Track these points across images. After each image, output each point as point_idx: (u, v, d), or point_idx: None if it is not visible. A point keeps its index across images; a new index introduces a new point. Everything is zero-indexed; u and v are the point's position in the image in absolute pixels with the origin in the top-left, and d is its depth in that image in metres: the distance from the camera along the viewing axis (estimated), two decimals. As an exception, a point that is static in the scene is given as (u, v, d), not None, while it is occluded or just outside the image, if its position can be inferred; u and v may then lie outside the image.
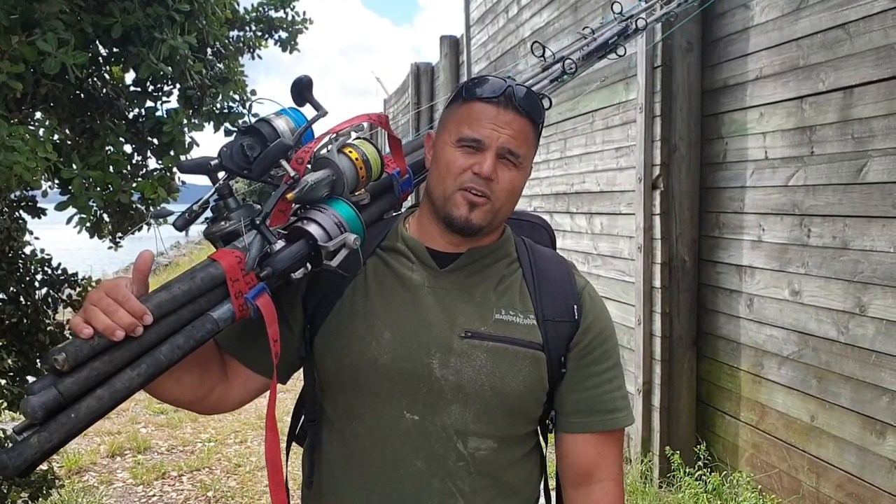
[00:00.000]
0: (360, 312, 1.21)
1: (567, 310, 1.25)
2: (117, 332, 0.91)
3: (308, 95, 1.18)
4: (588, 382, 1.25)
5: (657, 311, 4.16)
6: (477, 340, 1.18)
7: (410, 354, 1.17)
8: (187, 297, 1.00)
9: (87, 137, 2.13)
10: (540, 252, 1.33)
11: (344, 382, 1.20)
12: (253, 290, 1.05)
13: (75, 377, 0.90)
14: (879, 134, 2.84)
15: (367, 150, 1.21)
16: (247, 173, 1.10)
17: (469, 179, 1.17)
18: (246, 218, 1.09)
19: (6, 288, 2.51)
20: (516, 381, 1.18)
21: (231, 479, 4.38)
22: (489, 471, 1.19)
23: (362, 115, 1.24)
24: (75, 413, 0.90)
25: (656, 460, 4.13)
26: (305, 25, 2.66)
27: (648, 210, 4.18)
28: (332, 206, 1.14)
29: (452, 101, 1.24)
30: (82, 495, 4.01)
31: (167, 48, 1.92)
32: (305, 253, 1.08)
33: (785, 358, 3.40)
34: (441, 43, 9.71)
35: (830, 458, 3.13)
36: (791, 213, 3.34)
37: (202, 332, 1.00)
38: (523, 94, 1.19)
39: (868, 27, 2.89)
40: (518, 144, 1.18)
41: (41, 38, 1.65)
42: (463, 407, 1.17)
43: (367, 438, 1.19)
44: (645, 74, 4.16)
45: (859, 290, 2.95)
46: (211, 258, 1.05)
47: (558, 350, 1.22)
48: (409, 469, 1.17)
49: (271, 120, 1.14)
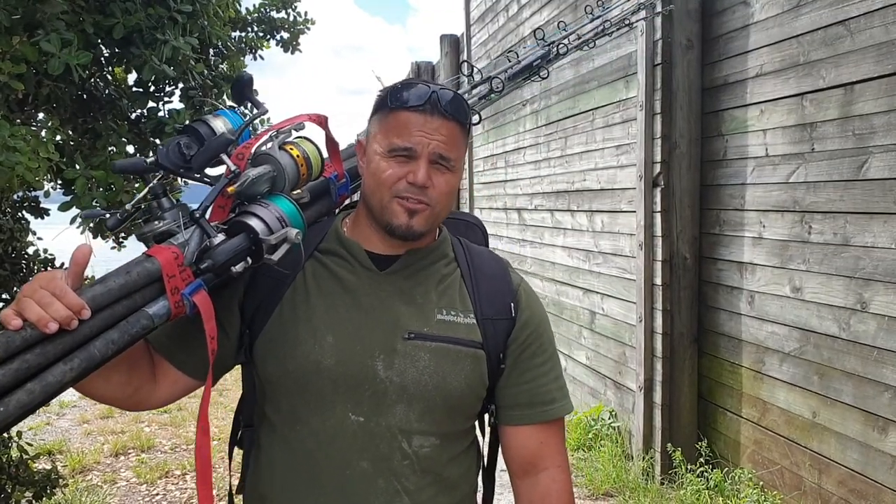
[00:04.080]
0: (302, 316, 1.21)
1: (504, 307, 1.27)
2: (50, 325, 0.88)
3: (248, 94, 1.19)
4: (526, 376, 1.28)
5: (658, 308, 4.17)
6: (420, 341, 1.20)
7: (354, 357, 1.18)
8: (123, 291, 0.97)
9: (89, 138, 2.14)
10: (476, 251, 1.34)
11: (287, 387, 1.20)
12: (189, 286, 1.03)
13: (5, 369, 0.86)
14: (880, 130, 2.84)
15: (307, 149, 1.21)
16: (183, 171, 1.10)
17: (404, 189, 1.17)
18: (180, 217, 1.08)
19: (9, 288, 2.52)
20: (458, 380, 1.21)
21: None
22: (432, 467, 1.22)
23: (302, 114, 1.24)
24: (4, 407, 0.85)
25: (658, 457, 4.14)
26: (307, 26, 2.67)
27: (649, 207, 4.18)
28: (273, 201, 1.13)
29: (378, 110, 1.23)
30: (86, 494, 4.02)
31: (170, 49, 1.92)
32: (246, 247, 1.07)
33: (786, 354, 3.41)
34: (441, 42, 9.71)
35: (832, 454, 3.14)
36: (792, 209, 3.35)
37: (136, 328, 0.98)
38: (449, 98, 1.19)
39: (869, 23, 2.89)
40: (448, 149, 1.18)
41: (45, 38, 1.66)
42: (407, 407, 1.19)
43: (312, 441, 1.19)
44: (645, 72, 4.16)
45: (860, 287, 2.95)
46: (146, 254, 1.03)
47: (497, 347, 1.25)
48: (355, 470, 1.18)
49: (208, 120, 1.14)
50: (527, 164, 6.46)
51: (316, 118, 1.25)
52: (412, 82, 1.22)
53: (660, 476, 4.09)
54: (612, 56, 4.81)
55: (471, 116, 1.26)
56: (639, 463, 4.21)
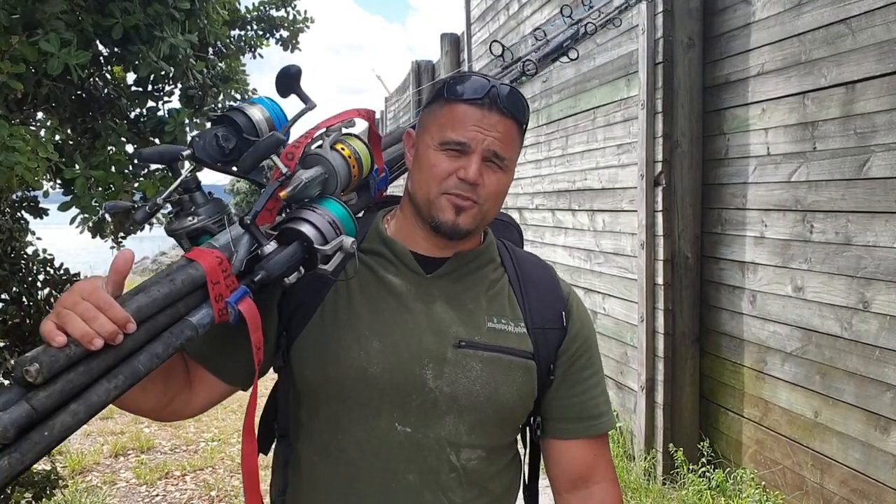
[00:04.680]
0: (345, 320, 1.15)
1: (555, 316, 1.23)
2: (96, 341, 0.81)
3: (296, 87, 1.12)
4: (577, 389, 1.24)
5: (660, 307, 4.16)
6: (471, 350, 1.15)
7: (402, 365, 1.13)
8: (166, 301, 0.91)
9: (88, 137, 2.13)
10: (522, 256, 1.30)
11: (328, 394, 1.15)
12: (234, 293, 0.96)
13: (49, 391, 0.79)
14: (882, 129, 2.83)
15: (358, 148, 1.14)
16: (220, 166, 1.03)
17: (454, 185, 1.13)
18: (216, 214, 1.01)
19: (8, 288, 2.51)
20: (510, 392, 1.16)
21: (234, 479, 4.38)
22: (479, 481, 1.18)
23: (351, 110, 1.17)
24: (49, 431, 0.80)
25: (659, 457, 4.13)
26: (307, 24, 2.66)
27: (650, 207, 4.17)
28: (323, 205, 1.06)
29: (433, 101, 1.19)
30: (86, 495, 4.01)
31: (167, 46, 1.91)
32: (300, 256, 1.01)
33: (788, 354, 3.40)
34: (442, 41, 9.71)
35: (834, 454, 3.13)
36: (794, 209, 3.34)
37: (181, 339, 0.92)
38: (507, 93, 1.14)
39: (870, 22, 2.88)
40: (504, 147, 1.14)
41: (44, 38, 1.65)
42: (457, 418, 1.14)
43: (354, 452, 1.14)
44: (646, 71, 4.16)
45: (862, 286, 2.94)
46: (188, 258, 0.95)
47: (547, 357, 1.21)
48: (401, 483, 1.13)
49: (245, 109, 1.06)
50: (527, 163, 6.45)
51: (365, 113, 1.19)
52: (470, 74, 1.17)
53: (661, 476, 4.08)
54: (613, 55, 4.81)
55: (528, 115, 1.20)
56: (640, 463, 4.20)
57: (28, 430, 0.79)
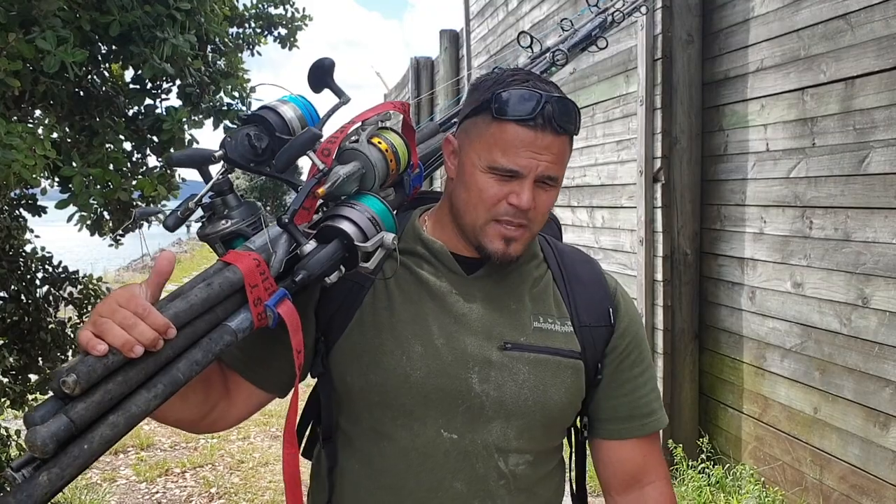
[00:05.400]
0: (386, 323, 1.11)
1: (603, 314, 1.19)
2: (136, 349, 0.78)
3: (330, 81, 1.07)
4: (626, 387, 1.20)
5: (659, 304, 4.16)
6: (517, 352, 1.11)
7: (446, 369, 1.08)
8: (205, 306, 0.88)
9: (86, 135, 2.13)
10: (565, 251, 1.25)
11: (370, 400, 1.10)
12: (273, 296, 0.93)
13: (87, 402, 0.76)
14: (881, 125, 2.83)
15: (395, 142, 1.09)
16: (253, 166, 1.00)
17: (504, 212, 1.07)
18: (250, 217, 0.98)
19: (7, 286, 2.51)
20: (559, 394, 1.12)
21: (234, 476, 4.39)
22: (527, 486, 1.14)
23: (387, 103, 1.12)
24: (88, 444, 0.76)
25: (659, 453, 4.13)
26: (305, 22, 2.66)
27: (650, 203, 4.17)
28: (362, 201, 1.02)
29: (479, 112, 1.09)
30: (85, 493, 4.01)
31: (169, 48, 1.91)
32: (341, 255, 0.98)
33: (787, 350, 3.40)
34: (441, 37, 9.69)
35: (834, 450, 3.13)
36: (793, 204, 3.34)
37: (220, 345, 0.89)
38: (560, 108, 1.06)
39: (869, 17, 2.87)
40: (557, 168, 1.08)
41: (41, 36, 1.64)
42: (505, 423, 1.10)
43: (399, 460, 1.09)
44: (645, 67, 4.15)
45: (862, 282, 2.94)
46: (224, 261, 0.92)
47: (595, 357, 1.17)
48: (448, 492, 1.09)
49: (276, 107, 1.02)
50: (526, 159, 6.44)
51: (400, 106, 1.15)
52: (516, 80, 1.09)
53: (661, 472, 4.08)
54: (612, 51, 4.80)
55: (580, 121, 1.13)
56: (639, 459, 4.20)
57: (67, 444, 0.75)
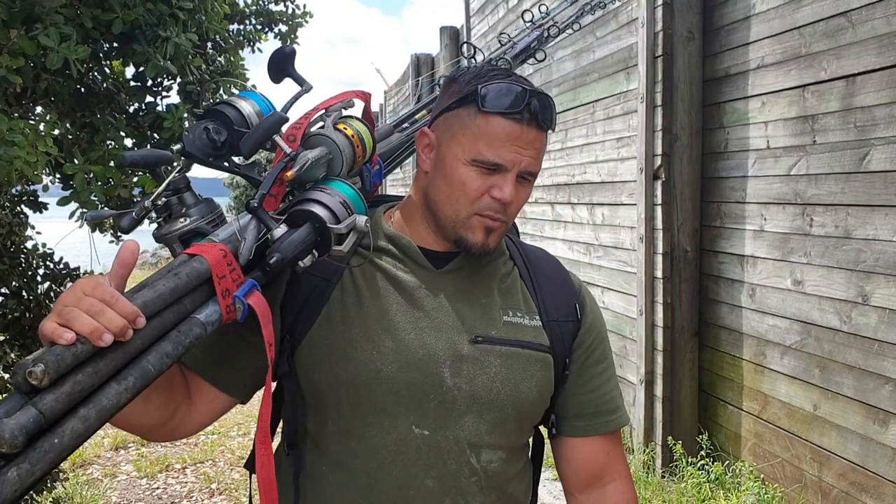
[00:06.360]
0: (355, 319, 1.08)
1: (570, 309, 1.19)
2: (105, 336, 0.74)
3: (290, 70, 1.07)
4: (592, 383, 1.21)
5: (659, 301, 4.17)
6: (489, 345, 1.10)
7: (417, 363, 1.06)
8: (173, 296, 0.84)
9: (87, 132, 2.13)
10: (529, 249, 1.27)
11: (339, 398, 1.08)
12: (242, 287, 0.90)
13: (57, 393, 0.72)
14: (882, 122, 2.83)
15: (360, 129, 1.09)
16: (212, 160, 0.98)
17: (487, 205, 1.07)
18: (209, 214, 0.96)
19: (8, 283, 2.51)
20: (531, 387, 1.12)
21: (234, 472, 4.40)
22: (498, 484, 1.12)
23: (349, 91, 1.13)
24: (59, 438, 0.71)
25: (658, 450, 4.14)
26: (305, 19, 2.65)
27: (650, 200, 4.17)
28: (332, 186, 1.02)
29: (462, 105, 1.09)
30: (87, 488, 4.03)
31: (172, 47, 1.91)
32: (313, 238, 0.96)
33: (787, 347, 3.41)
34: (441, 34, 9.68)
35: (833, 447, 3.14)
36: (793, 202, 3.34)
37: (190, 337, 0.86)
38: (543, 104, 1.07)
39: (870, 15, 2.87)
40: (537, 164, 1.09)
41: (43, 33, 1.64)
42: (477, 417, 1.09)
43: (370, 459, 1.07)
44: (646, 64, 4.15)
45: (862, 280, 2.95)
46: (188, 253, 0.89)
47: (563, 351, 1.17)
48: (420, 489, 1.07)
49: (234, 102, 1.02)
50: (527, 156, 6.44)
51: (362, 94, 1.15)
52: (498, 75, 1.09)
53: (661, 469, 4.10)
54: (612, 48, 4.80)
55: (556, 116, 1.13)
56: (640, 456, 4.21)
57: (36, 439, 0.71)
